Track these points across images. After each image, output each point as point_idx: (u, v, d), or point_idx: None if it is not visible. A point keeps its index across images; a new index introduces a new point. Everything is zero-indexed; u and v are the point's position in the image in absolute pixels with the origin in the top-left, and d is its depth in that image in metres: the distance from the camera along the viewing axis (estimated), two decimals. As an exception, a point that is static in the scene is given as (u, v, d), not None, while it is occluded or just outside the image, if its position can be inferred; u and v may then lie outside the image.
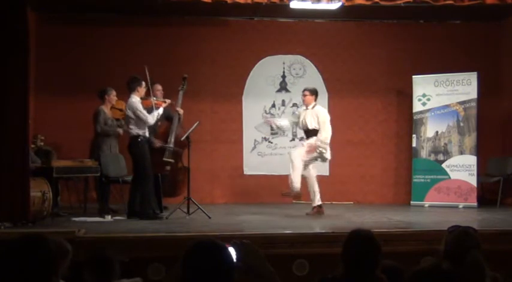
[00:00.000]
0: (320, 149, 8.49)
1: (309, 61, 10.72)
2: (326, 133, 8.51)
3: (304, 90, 8.84)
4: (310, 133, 8.65)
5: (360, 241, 3.25)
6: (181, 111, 8.71)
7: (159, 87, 8.96)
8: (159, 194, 8.34)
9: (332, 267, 3.35)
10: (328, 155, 8.61)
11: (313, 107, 8.70)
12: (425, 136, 10.17)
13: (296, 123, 9.05)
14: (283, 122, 9.33)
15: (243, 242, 2.82)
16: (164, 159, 8.58)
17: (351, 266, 3.20)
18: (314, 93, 8.78)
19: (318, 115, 8.59)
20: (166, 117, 8.76)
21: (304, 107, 8.82)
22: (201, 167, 9.54)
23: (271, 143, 10.65)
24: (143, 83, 8.16)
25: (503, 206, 9.47)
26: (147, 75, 8.20)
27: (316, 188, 8.61)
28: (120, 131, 8.98)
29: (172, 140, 8.69)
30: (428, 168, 10.07)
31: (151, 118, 8.08)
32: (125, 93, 8.43)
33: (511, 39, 10.36)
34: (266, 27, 10.66)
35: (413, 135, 10.23)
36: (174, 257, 2.77)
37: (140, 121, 8.03)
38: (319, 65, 10.70)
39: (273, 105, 10.68)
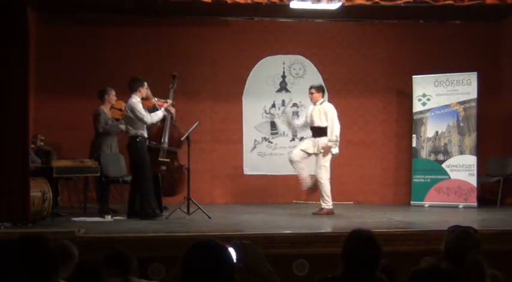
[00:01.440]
0: (332, 148, 8.51)
1: (309, 61, 10.72)
2: (336, 130, 8.53)
3: (311, 88, 8.79)
4: (317, 131, 8.62)
5: (360, 241, 3.25)
6: (172, 110, 8.71)
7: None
8: (159, 194, 8.34)
9: (332, 267, 3.35)
10: (336, 150, 8.60)
11: (321, 103, 8.69)
12: (425, 136, 10.16)
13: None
14: (300, 121, 9.17)
15: (243, 242, 2.82)
16: (159, 159, 8.59)
17: (351, 266, 3.20)
18: (321, 89, 8.78)
19: (327, 112, 8.58)
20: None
21: (312, 105, 8.79)
22: (201, 167, 9.52)
23: (271, 143, 10.65)
24: (145, 83, 8.17)
25: (503, 206, 9.47)
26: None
27: (327, 190, 8.56)
28: (123, 127, 8.90)
29: (166, 139, 8.69)
30: (428, 168, 10.07)
31: (150, 117, 8.06)
32: (124, 93, 8.43)
33: (511, 39, 10.36)
34: (266, 27, 10.65)
35: (413, 135, 10.23)
36: (174, 257, 2.77)
37: (139, 121, 8.03)
38: (319, 65, 10.70)
39: (273, 105, 10.68)
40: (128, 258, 4.01)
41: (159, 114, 8.20)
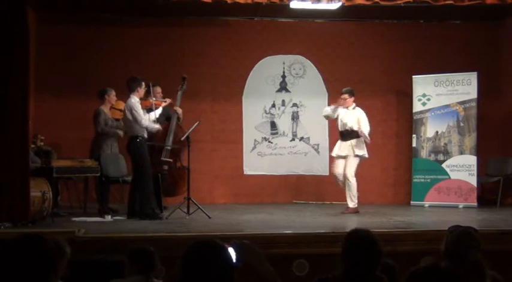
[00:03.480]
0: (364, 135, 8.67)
1: (309, 61, 10.72)
2: (366, 130, 8.72)
3: (344, 93, 8.84)
4: (349, 134, 8.77)
5: (359, 241, 3.25)
6: (180, 111, 8.72)
7: (158, 89, 8.93)
8: (159, 194, 8.33)
9: (332, 267, 3.35)
10: (364, 152, 8.77)
11: (354, 107, 8.82)
12: (425, 136, 10.16)
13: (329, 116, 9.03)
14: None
15: (243, 242, 2.82)
16: (162, 158, 8.59)
17: (351, 266, 3.20)
18: (352, 94, 8.87)
19: (360, 119, 8.76)
20: (166, 117, 8.77)
21: (343, 108, 8.85)
22: (201, 167, 9.53)
23: (271, 143, 10.64)
24: (143, 83, 8.17)
25: (503, 206, 9.47)
26: (151, 91, 8.30)
27: (356, 190, 8.76)
28: (121, 133, 8.94)
29: (171, 139, 8.69)
30: (428, 168, 10.07)
31: (146, 120, 8.05)
32: (124, 94, 8.42)
33: (511, 39, 10.35)
34: (266, 27, 10.65)
35: (413, 135, 10.23)
36: (174, 257, 2.77)
37: (134, 122, 8.01)
38: (319, 65, 10.70)
39: (273, 105, 10.67)
40: (152, 256, 4.12)
41: (152, 117, 8.19)
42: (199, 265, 2.50)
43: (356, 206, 8.74)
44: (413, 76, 10.22)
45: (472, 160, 9.79)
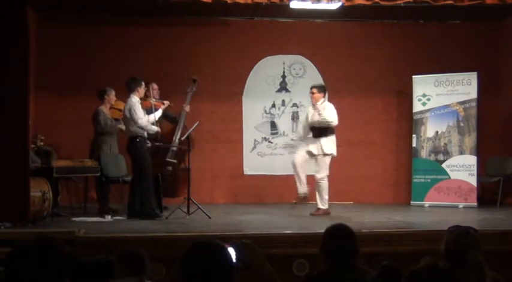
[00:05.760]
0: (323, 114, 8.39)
1: (309, 61, 10.72)
2: (331, 117, 8.42)
3: (312, 87, 8.71)
4: (318, 131, 8.52)
5: (336, 234, 3.31)
6: (187, 108, 8.72)
7: (155, 86, 8.93)
8: (159, 194, 8.33)
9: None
10: (332, 150, 8.48)
11: (322, 103, 8.58)
12: (425, 136, 10.16)
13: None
14: (297, 135, 9.19)
15: (243, 242, 2.83)
16: (167, 159, 8.58)
17: (331, 260, 3.24)
18: (322, 90, 8.67)
19: (326, 109, 8.48)
20: (165, 117, 8.76)
21: (311, 105, 8.72)
22: (201, 167, 9.54)
23: (271, 143, 10.64)
24: (143, 83, 8.18)
25: (503, 206, 9.47)
26: (150, 91, 8.30)
27: (327, 191, 8.53)
28: (122, 126, 8.90)
29: (177, 140, 8.69)
30: (428, 168, 10.07)
31: (144, 120, 8.05)
32: (124, 94, 8.43)
33: (511, 39, 10.36)
34: (266, 27, 10.65)
35: (413, 135, 10.23)
36: (174, 257, 2.77)
37: (132, 122, 8.00)
38: (319, 65, 10.70)
39: (273, 105, 10.68)
40: (142, 257, 4.06)
41: (151, 118, 8.19)
42: (199, 265, 2.50)
43: (327, 207, 8.54)
44: (413, 76, 10.22)
45: (472, 160, 9.79)
